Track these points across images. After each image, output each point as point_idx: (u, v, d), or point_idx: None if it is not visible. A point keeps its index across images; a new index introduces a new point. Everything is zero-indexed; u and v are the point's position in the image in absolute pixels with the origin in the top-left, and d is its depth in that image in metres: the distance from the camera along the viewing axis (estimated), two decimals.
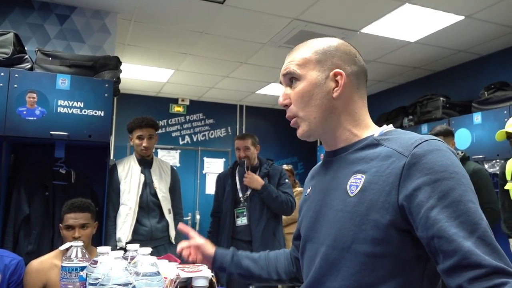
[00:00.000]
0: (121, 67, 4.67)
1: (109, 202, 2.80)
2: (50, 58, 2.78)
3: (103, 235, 2.77)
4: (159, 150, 6.17)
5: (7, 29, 2.68)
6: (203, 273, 0.81)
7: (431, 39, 3.83)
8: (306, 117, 0.97)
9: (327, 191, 0.96)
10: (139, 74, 5.08)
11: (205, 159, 6.47)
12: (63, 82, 2.68)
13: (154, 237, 2.81)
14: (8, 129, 2.52)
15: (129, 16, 3.49)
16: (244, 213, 3.07)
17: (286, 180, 3.14)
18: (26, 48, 2.93)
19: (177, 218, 3.00)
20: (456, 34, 3.73)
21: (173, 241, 2.89)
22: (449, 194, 0.77)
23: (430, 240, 0.76)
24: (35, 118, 2.59)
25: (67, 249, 1.04)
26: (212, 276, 0.82)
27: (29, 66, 2.70)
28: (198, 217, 6.21)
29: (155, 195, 2.87)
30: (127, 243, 2.71)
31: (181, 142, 6.34)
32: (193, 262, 1.13)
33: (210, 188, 6.14)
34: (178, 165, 6.26)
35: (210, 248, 1.24)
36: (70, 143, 2.76)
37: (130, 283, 0.71)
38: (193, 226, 6.17)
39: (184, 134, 6.37)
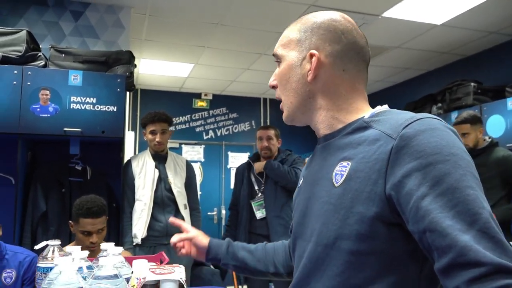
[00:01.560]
0: (142, 63, 4.73)
1: (124, 198, 2.79)
2: (63, 55, 2.78)
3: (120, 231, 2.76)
4: (183, 146, 6.17)
5: (23, 28, 2.69)
6: (172, 275, 0.73)
7: (459, 20, 3.60)
8: (285, 102, 0.91)
9: (315, 181, 0.86)
10: (160, 69, 5.06)
11: (230, 154, 6.42)
12: (75, 78, 2.67)
13: (169, 232, 2.77)
14: (22, 126, 2.54)
15: (143, 10, 3.45)
16: (263, 205, 3.00)
17: (299, 162, 3.05)
18: (42, 46, 2.94)
19: (194, 213, 2.95)
20: (486, 14, 3.48)
21: None
22: (444, 180, 0.65)
23: (422, 235, 0.65)
24: (48, 115, 2.60)
25: (43, 248, 0.99)
26: (181, 279, 0.74)
27: (42, 63, 2.70)
28: (223, 212, 6.18)
29: (170, 190, 2.83)
30: (142, 239, 2.69)
31: (205, 137, 6.32)
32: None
33: None
34: (202, 160, 6.25)
35: (203, 239, 1.17)
36: (84, 140, 2.76)
37: None
38: (219, 221, 6.15)
39: (208, 129, 6.33)
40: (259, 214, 3.03)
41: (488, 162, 2.89)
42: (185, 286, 0.74)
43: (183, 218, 2.84)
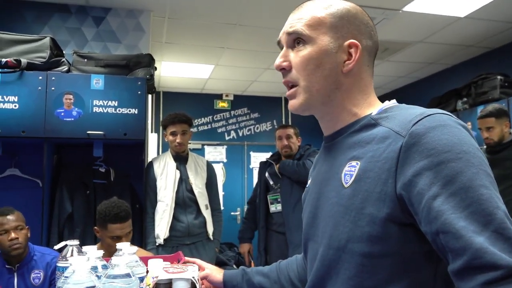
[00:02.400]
0: (163, 66, 4.79)
1: (146, 199, 2.83)
2: (86, 60, 2.84)
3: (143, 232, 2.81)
4: (205, 147, 6.22)
5: (48, 35, 2.77)
6: (184, 274, 0.74)
7: (483, 12, 3.49)
8: (308, 88, 0.82)
9: (323, 181, 0.84)
10: (181, 71, 5.12)
11: (252, 154, 6.43)
12: (97, 82, 2.73)
13: (191, 233, 2.79)
14: (47, 130, 2.61)
15: (163, 14, 3.49)
16: (278, 199, 3.02)
17: (314, 154, 3.04)
18: (65, 52, 3.02)
19: (215, 213, 2.97)
20: (511, 4, 3.37)
21: (211, 237, 2.87)
22: (456, 179, 0.62)
23: (435, 236, 0.63)
24: (72, 119, 2.66)
25: (62, 248, 1.01)
26: (194, 278, 0.74)
27: (66, 68, 2.77)
28: None
29: (191, 191, 2.85)
30: (165, 239, 2.72)
31: (227, 138, 6.35)
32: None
33: None
34: (225, 160, 6.28)
35: (217, 274, 1.13)
36: (107, 142, 2.81)
37: (93, 287, 0.66)
38: (242, 221, 6.16)
39: (230, 129, 6.36)
40: (273, 208, 3.06)
41: None
42: (197, 285, 0.74)
43: (204, 219, 2.86)
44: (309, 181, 0.97)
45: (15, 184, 2.86)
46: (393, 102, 0.84)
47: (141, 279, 0.82)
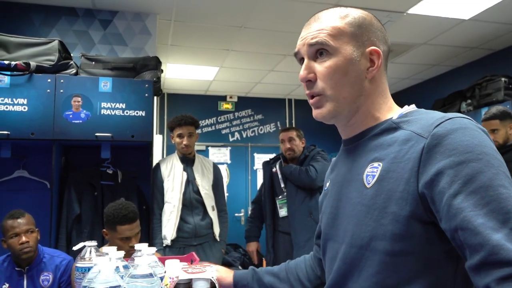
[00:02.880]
0: (168, 68, 4.82)
1: (154, 201, 2.85)
2: (93, 63, 2.87)
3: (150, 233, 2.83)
4: (209, 148, 6.24)
5: (55, 38, 2.80)
6: (204, 274, 0.76)
7: (487, 14, 3.51)
8: (335, 96, 0.84)
9: (344, 183, 0.87)
10: (186, 73, 5.15)
11: (256, 155, 6.45)
12: (105, 84, 2.76)
13: (198, 234, 2.82)
14: (56, 132, 2.64)
15: (169, 17, 3.52)
16: (287, 203, 3.04)
17: (318, 157, 3.05)
18: (72, 54, 3.05)
19: (221, 215, 3.00)
20: None
21: (217, 238, 2.89)
22: (476, 178, 0.65)
23: (454, 233, 0.65)
24: (80, 121, 2.69)
25: (80, 250, 1.04)
26: (213, 278, 0.76)
27: (74, 71, 2.80)
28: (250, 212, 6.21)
29: (198, 192, 2.88)
30: (172, 240, 2.75)
31: (231, 139, 6.37)
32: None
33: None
34: (229, 162, 6.30)
35: (227, 275, 1.14)
36: (114, 144, 2.83)
37: (118, 286, 0.68)
38: (246, 222, 6.18)
39: (234, 131, 6.39)
40: (282, 212, 3.07)
41: None
42: (217, 285, 0.76)
43: (211, 220, 2.88)
44: (327, 184, 0.99)
45: (23, 186, 2.89)
46: (413, 107, 0.87)
47: (161, 279, 0.85)
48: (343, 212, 0.85)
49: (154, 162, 3.11)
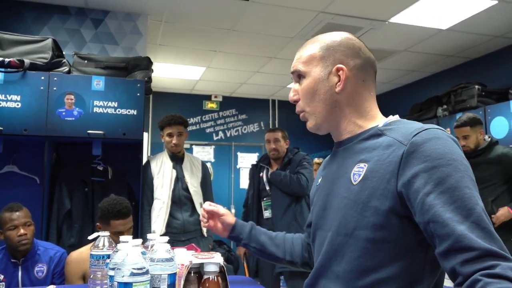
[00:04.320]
0: (155, 67, 4.88)
1: (143, 197, 2.93)
2: (86, 61, 2.93)
3: (139, 228, 2.91)
4: (194, 147, 6.32)
5: (47, 35, 2.85)
6: (215, 259, 0.87)
7: (464, 25, 3.72)
8: (312, 112, 1.02)
9: (334, 180, 1.00)
10: (173, 72, 5.22)
11: (239, 154, 6.57)
12: (98, 83, 2.83)
13: (186, 230, 2.91)
14: (49, 129, 2.69)
15: (159, 17, 3.60)
16: (271, 205, 3.14)
17: (305, 163, 3.15)
18: (64, 52, 3.10)
19: None
20: (490, 19, 3.60)
21: (205, 234, 3.00)
22: (446, 181, 0.78)
23: (427, 225, 0.79)
24: (73, 119, 2.75)
25: (95, 239, 1.14)
26: (222, 262, 0.88)
27: (66, 69, 2.85)
28: (233, 211, 6.31)
29: (186, 189, 2.97)
30: (161, 235, 2.83)
31: (215, 138, 6.47)
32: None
33: (244, 182, 6.23)
34: (212, 160, 6.39)
35: (231, 218, 1.30)
36: (106, 141, 2.90)
37: (144, 267, 0.78)
38: None
39: (218, 130, 6.48)
40: (266, 214, 3.16)
41: (489, 160, 3.02)
42: (225, 269, 0.87)
43: (199, 216, 2.97)
44: (319, 180, 1.13)
45: (13, 181, 2.92)
46: (396, 117, 1.01)
47: None
48: (331, 205, 0.99)
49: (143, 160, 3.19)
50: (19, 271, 2.25)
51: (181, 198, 2.94)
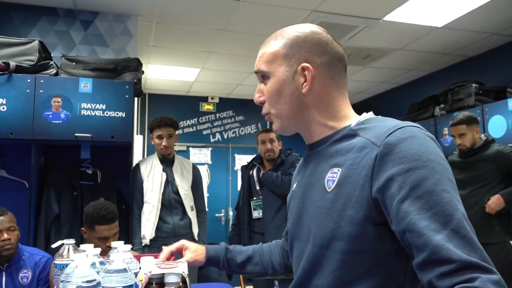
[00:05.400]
0: (149, 69, 4.84)
1: (133, 201, 2.89)
2: (74, 63, 2.89)
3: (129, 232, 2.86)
4: (190, 148, 6.27)
5: (35, 38, 2.80)
6: (176, 269, 0.82)
7: (460, 23, 3.66)
8: (278, 114, 0.95)
9: (308, 185, 0.93)
10: (167, 74, 5.17)
11: (236, 156, 6.51)
12: (85, 85, 2.78)
13: (177, 234, 2.86)
14: (36, 132, 2.65)
15: (150, 18, 3.56)
16: (261, 205, 3.10)
17: (295, 165, 3.11)
18: (53, 55, 3.06)
19: (200, 215, 3.05)
20: (487, 16, 3.54)
21: (196, 237, 2.94)
22: (421, 184, 0.72)
23: (403, 234, 0.72)
24: (60, 121, 2.70)
25: (59, 247, 1.08)
26: (184, 273, 0.82)
27: (54, 71, 2.81)
28: (231, 213, 6.27)
29: (177, 193, 2.92)
30: (151, 240, 2.79)
31: (212, 140, 6.41)
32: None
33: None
34: (210, 162, 6.34)
35: (200, 255, 1.17)
36: (94, 144, 2.85)
37: (94, 280, 0.73)
38: (226, 222, 6.24)
39: (215, 131, 6.43)
40: (256, 214, 3.12)
41: (485, 158, 2.98)
42: (187, 279, 0.82)
43: (190, 220, 2.93)
44: (294, 185, 1.05)
45: (1, 186, 2.89)
46: (370, 114, 0.93)
47: (135, 275, 0.90)
48: (307, 214, 0.91)
49: (135, 163, 3.14)
50: (3, 277, 2.20)
51: (171, 202, 2.90)
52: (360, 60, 4.63)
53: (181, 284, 0.82)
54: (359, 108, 1.15)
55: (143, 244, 2.81)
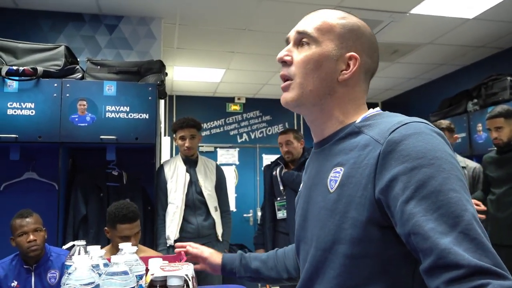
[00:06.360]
0: (175, 71, 4.89)
1: (157, 202, 2.91)
2: (99, 67, 2.94)
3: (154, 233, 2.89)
4: (218, 149, 6.30)
5: (63, 43, 2.88)
6: (178, 272, 0.80)
7: (492, 13, 3.49)
8: (302, 85, 0.86)
9: (312, 186, 0.89)
10: (193, 76, 5.21)
11: (264, 156, 6.48)
12: (110, 88, 2.83)
13: (201, 234, 2.86)
14: (62, 136, 2.71)
15: (173, 21, 3.58)
16: (285, 205, 3.06)
17: None
18: (79, 59, 3.13)
19: (224, 215, 3.03)
20: None
21: (220, 238, 2.93)
22: (427, 184, 0.66)
23: (408, 238, 0.67)
24: (86, 124, 2.76)
25: (70, 248, 1.09)
26: (187, 275, 0.80)
27: (80, 75, 2.87)
28: (259, 213, 6.24)
29: (201, 193, 2.93)
30: (175, 240, 2.80)
31: (239, 140, 6.41)
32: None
33: None
34: (237, 163, 6.35)
35: (216, 257, 1.22)
36: (119, 146, 2.90)
37: (93, 283, 0.72)
38: (255, 222, 6.22)
39: (242, 132, 6.43)
40: (280, 214, 3.09)
41: None
42: (190, 282, 0.80)
43: (213, 220, 2.93)
44: (301, 185, 1.01)
45: (32, 187, 2.98)
46: (377, 109, 0.88)
47: (140, 277, 0.89)
48: (311, 215, 0.88)
49: (160, 164, 3.17)
50: (32, 277, 2.26)
51: (195, 202, 2.90)
52: (387, 56, 4.51)
53: (184, 287, 0.80)
54: (388, 106, 1.10)
55: (167, 245, 2.82)
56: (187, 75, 5.17)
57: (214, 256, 1.23)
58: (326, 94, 0.87)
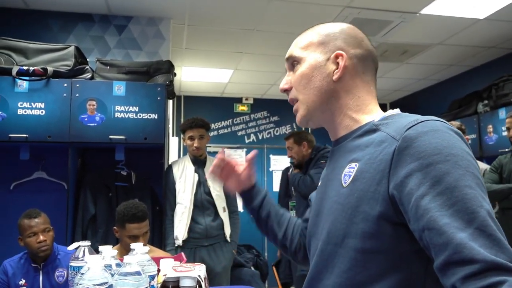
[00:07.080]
0: (183, 71, 4.90)
1: (166, 202, 2.91)
2: (108, 67, 2.95)
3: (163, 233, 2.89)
4: (225, 150, 6.28)
5: (73, 43, 2.89)
6: (191, 273, 0.79)
7: (503, 14, 3.45)
8: (305, 100, 0.92)
9: (328, 182, 0.91)
10: (201, 76, 5.22)
11: (271, 157, 6.48)
12: (119, 88, 2.83)
13: (209, 235, 2.86)
14: (72, 135, 2.72)
15: (182, 21, 3.59)
16: (296, 206, 3.09)
17: (320, 162, 3.05)
18: (89, 59, 3.14)
19: (232, 216, 3.03)
20: None
21: (228, 239, 2.93)
22: (443, 180, 0.66)
23: (422, 233, 0.66)
24: (95, 124, 2.77)
25: (77, 248, 1.09)
26: (199, 276, 0.80)
27: (89, 76, 2.88)
28: None
29: (209, 193, 2.92)
30: (183, 241, 2.80)
31: (246, 141, 6.41)
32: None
33: (278, 185, 6.13)
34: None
35: (253, 178, 1.18)
36: (128, 146, 2.90)
37: (106, 283, 0.72)
38: None
39: (250, 132, 6.43)
40: (292, 214, 3.10)
41: None
42: (202, 283, 0.80)
43: (222, 221, 2.92)
44: (320, 182, 1.02)
45: (42, 187, 2.99)
46: (397, 110, 0.89)
47: (152, 277, 0.88)
48: (323, 210, 0.88)
49: (168, 164, 3.17)
50: (40, 276, 2.27)
51: (203, 203, 2.90)
52: (397, 56, 4.48)
53: (196, 287, 0.79)
54: (397, 106, 1.09)
55: (176, 245, 2.82)
56: (196, 75, 5.17)
57: (252, 177, 1.19)
58: (329, 98, 0.90)
